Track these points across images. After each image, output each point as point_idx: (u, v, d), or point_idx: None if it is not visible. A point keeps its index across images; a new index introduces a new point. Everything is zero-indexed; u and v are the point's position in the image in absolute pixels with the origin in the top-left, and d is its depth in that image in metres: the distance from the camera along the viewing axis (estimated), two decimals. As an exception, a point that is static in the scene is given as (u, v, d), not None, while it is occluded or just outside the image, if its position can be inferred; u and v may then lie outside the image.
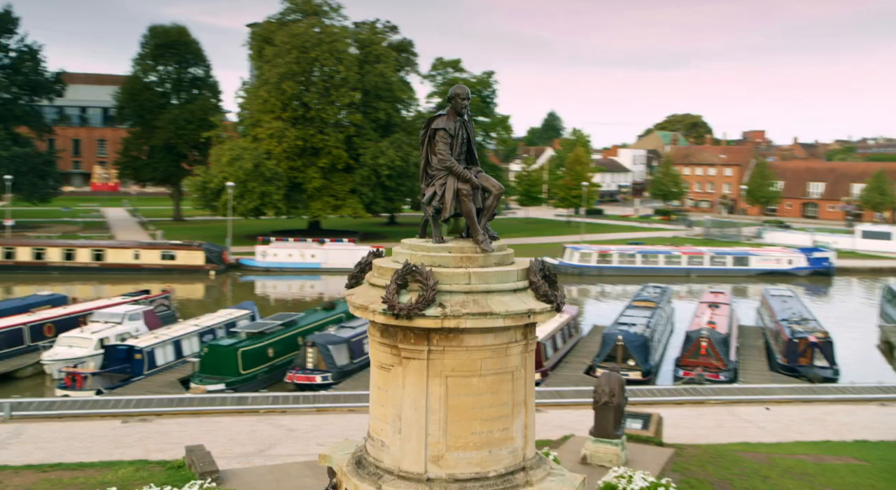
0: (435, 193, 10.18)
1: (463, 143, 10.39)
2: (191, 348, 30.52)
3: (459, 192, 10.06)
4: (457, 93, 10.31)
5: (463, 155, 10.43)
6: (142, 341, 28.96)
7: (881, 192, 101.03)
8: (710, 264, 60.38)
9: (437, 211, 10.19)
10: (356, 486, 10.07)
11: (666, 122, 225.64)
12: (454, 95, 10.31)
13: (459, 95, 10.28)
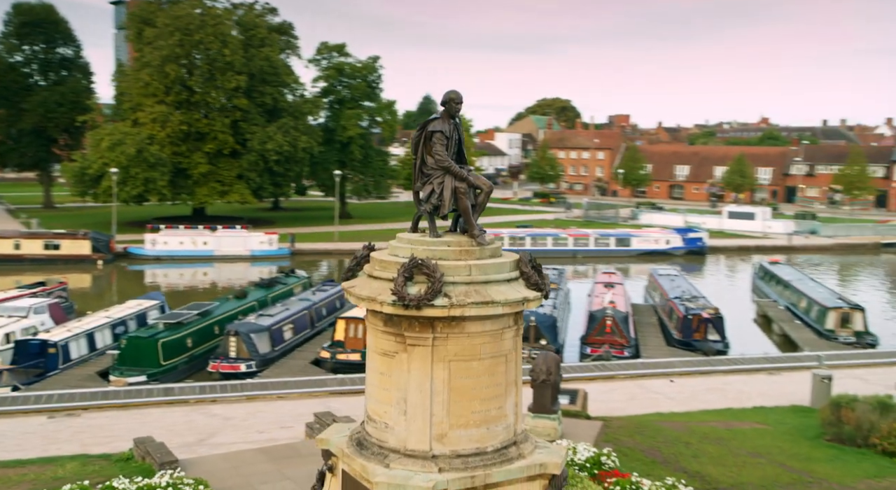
0: (433, 191, 10.93)
1: (455, 144, 11.18)
2: (103, 341, 29.98)
3: (457, 190, 10.85)
4: (451, 97, 11.07)
5: (454, 155, 11.22)
6: (55, 335, 28.27)
7: (742, 175, 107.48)
8: (595, 245, 63.19)
9: (435, 208, 10.94)
10: (363, 466, 10.74)
11: (537, 106, 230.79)
12: (448, 100, 11.07)
13: (454, 100, 11.05)
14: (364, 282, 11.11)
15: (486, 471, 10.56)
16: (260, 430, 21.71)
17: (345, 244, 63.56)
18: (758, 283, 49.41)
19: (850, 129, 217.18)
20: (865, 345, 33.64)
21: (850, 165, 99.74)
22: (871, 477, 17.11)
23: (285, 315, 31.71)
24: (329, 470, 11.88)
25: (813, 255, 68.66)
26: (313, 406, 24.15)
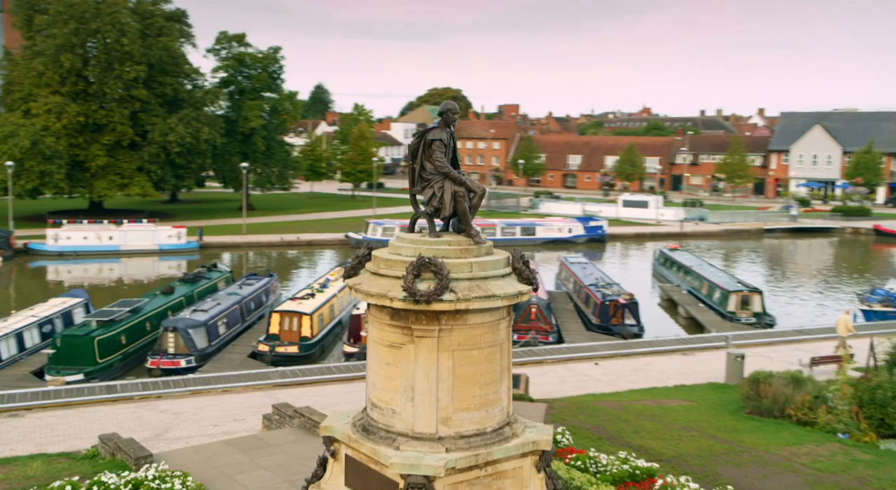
0: (434, 195, 11.87)
1: (451, 150, 12.13)
2: (32, 340, 29.45)
3: (456, 193, 11.82)
4: (448, 108, 12.02)
5: (450, 161, 12.17)
6: (-18, 336, 27.68)
7: (632, 164, 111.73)
8: (501, 235, 64.98)
9: (435, 210, 11.89)
10: (373, 450, 11.60)
11: (428, 96, 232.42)
12: (446, 110, 12.01)
13: (451, 111, 12.01)
14: (369, 279, 11.93)
15: (487, 449, 11.60)
16: (213, 423, 22.10)
17: (253, 237, 63.28)
18: (658, 268, 52.16)
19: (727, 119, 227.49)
20: (765, 325, 36.36)
21: (731, 155, 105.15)
22: (790, 444, 18.99)
23: (219, 310, 31.89)
24: (332, 455, 12.67)
25: (702, 240, 72.54)
26: (259, 398, 24.71)
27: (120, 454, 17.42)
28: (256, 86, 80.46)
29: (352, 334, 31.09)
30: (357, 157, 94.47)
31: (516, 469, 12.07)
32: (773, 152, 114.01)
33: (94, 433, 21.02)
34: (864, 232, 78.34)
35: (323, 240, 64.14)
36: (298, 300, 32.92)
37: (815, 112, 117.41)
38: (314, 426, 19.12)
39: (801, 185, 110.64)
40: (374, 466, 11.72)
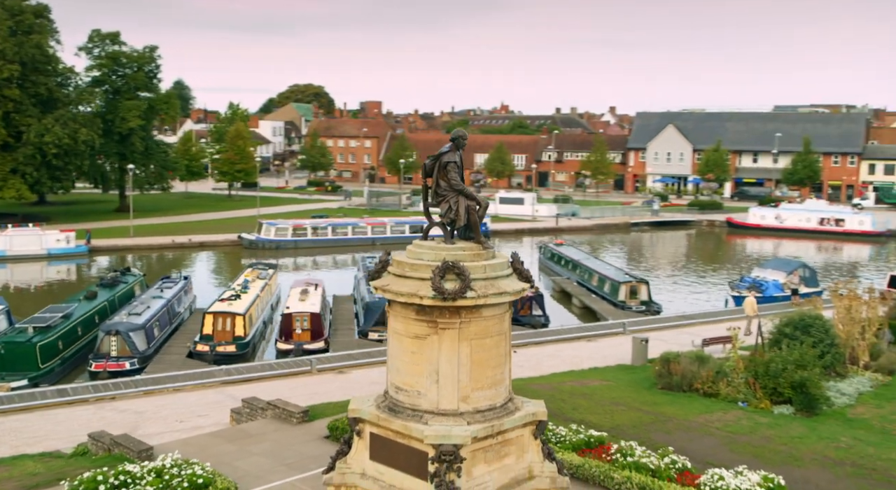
0: (450, 208, 14.00)
1: (461, 170, 14.30)
2: (-42, 348, 29.37)
3: (469, 207, 14.00)
4: (460, 135, 14.19)
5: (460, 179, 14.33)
6: (-84, 346, 27.44)
7: (502, 162, 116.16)
8: (391, 233, 67.14)
9: (452, 221, 14.02)
10: (404, 426, 13.61)
11: (289, 92, 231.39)
12: (458, 136, 14.18)
13: (462, 137, 14.18)
14: (396, 280, 13.91)
15: (499, 421, 13.86)
16: (179, 420, 23.31)
17: (142, 239, 62.76)
18: (546, 262, 55.72)
19: (581, 116, 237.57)
20: (653, 312, 40.23)
21: (594, 153, 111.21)
22: (703, 413, 22.18)
23: (152, 313, 32.61)
24: (357, 434, 14.60)
25: (576, 235, 77.12)
26: (212, 395, 26.02)
27: (118, 449, 18.59)
28: (132, 85, 79.13)
29: (283, 333, 32.56)
30: (235, 156, 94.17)
31: (519, 437, 14.40)
32: (632, 150, 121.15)
33: (65, 434, 21.96)
34: (718, 224, 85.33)
35: (215, 241, 64.36)
36: (227, 301, 34.04)
37: (668, 112, 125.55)
38: (290, 416, 20.84)
39: (657, 181, 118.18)
40: (403, 440, 13.74)
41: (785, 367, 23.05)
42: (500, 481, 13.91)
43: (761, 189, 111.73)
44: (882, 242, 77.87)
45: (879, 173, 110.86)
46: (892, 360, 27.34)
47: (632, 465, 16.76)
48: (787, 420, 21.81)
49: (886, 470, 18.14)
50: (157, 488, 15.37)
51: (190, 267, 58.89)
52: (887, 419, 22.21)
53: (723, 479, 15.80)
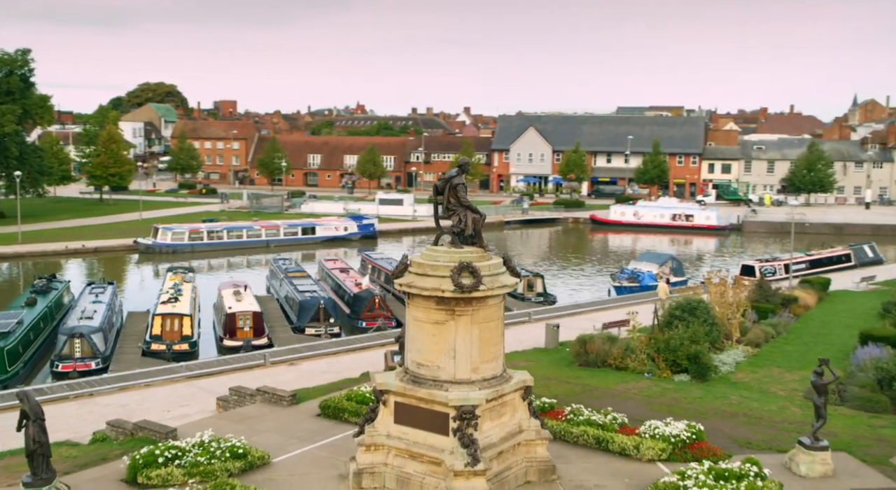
0: (460, 220, 17.64)
1: (466, 189, 17.98)
2: None
3: (475, 219, 17.72)
4: (467, 162, 17.89)
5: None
6: None
7: (374, 163, 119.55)
8: (284, 235, 69.43)
9: (461, 231, 17.67)
10: (429, 394, 17.15)
11: (140, 91, 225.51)
12: (465, 163, 17.85)
13: (468, 163, 17.88)
14: (418, 278, 17.41)
15: (501, 387, 17.67)
16: (165, 410, 25.74)
17: (32, 246, 62.37)
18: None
19: (437, 116, 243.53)
20: (550, 302, 45.00)
21: (462, 154, 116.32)
22: (619, 383, 26.71)
23: (102, 316, 34.26)
24: (383, 403, 18.02)
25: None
26: (183, 389, 28.50)
27: (142, 433, 21.15)
28: (5, 89, 77.44)
29: (227, 331, 35.04)
30: (108, 160, 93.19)
31: (512, 399, 18.27)
32: (495, 151, 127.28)
33: (65, 427, 24.09)
34: (582, 221, 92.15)
35: (110, 246, 64.68)
36: (169, 304, 36.09)
37: (528, 115, 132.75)
38: (280, 400, 23.87)
39: (520, 181, 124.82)
40: (426, 405, 17.32)
41: (681, 342, 27.97)
42: (499, 435, 17.77)
43: (615, 187, 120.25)
44: (726, 235, 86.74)
45: (718, 172, 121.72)
46: (758, 336, 32.98)
47: (584, 422, 20.96)
48: (686, 385, 26.68)
49: (769, 418, 23.19)
50: (206, 457, 18.28)
51: (95, 273, 59.27)
52: (762, 381, 27.49)
53: (657, 427, 20.22)
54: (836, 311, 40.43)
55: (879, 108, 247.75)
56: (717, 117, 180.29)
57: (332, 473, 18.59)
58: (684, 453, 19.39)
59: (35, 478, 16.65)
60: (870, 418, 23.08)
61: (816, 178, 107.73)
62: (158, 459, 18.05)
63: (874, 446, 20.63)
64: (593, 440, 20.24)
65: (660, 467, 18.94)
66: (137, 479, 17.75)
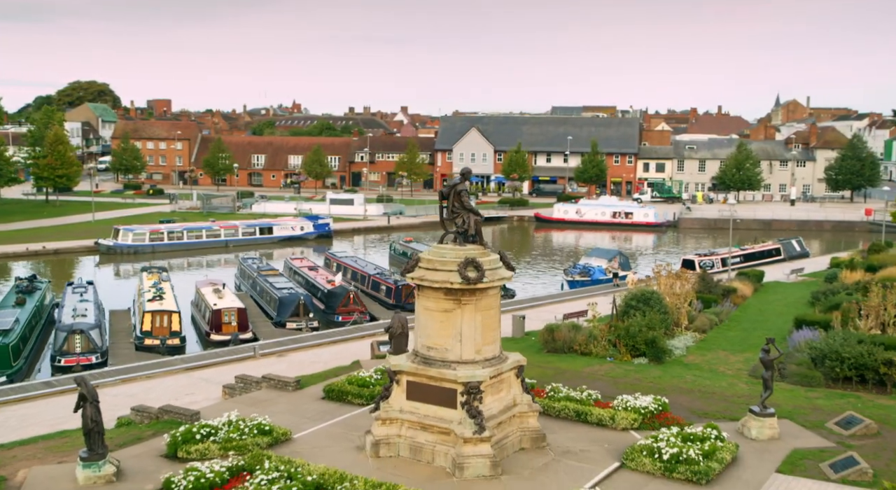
0: (463, 221, 20.25)
1: (468, 194, 20.62)
2: None
3: (476, 220, 20.36)
4: (468, 171, 20.52)
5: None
6: None
7: (320, 164, 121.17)
8: (243, 235, 71.04)
9: (465, 231, 20.28)
10: (439, 373, 19.72)
11: (71, 90, 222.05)
12: (467, 172, 20.46)
13: (469, 172, 20.52)
14: (428, 273, 19.95)
15: (500, 366, 20.36)
16: (174, 398, 27.73)
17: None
18: (397, 258, 62.27)
19: (374, 115, 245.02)
20: (510, 296, 47.89)
21: (408, 153, 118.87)
22: (586, 366, 29.62)
23: (94, 314, 35.89)
24: (396, 383, 20.54)
25: (405, 232, 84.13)
26: (184, 379, 30.51)
27: (167, 416, 23.23)
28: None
29: (213, 326, 37.02)
30: (55, 161, 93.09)
31: (509, 377, 20.98)
32: (439, 151, 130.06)
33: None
34: (527, 219, 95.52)
35: (70, 247, 65.48)
36: (156, 302, 37.86)
37: (470, 116, 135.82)
38: (286, 386, 26.15)
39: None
40: (435, 383, 19.90)
41: (640, 329, 31.09)
42: (498, 407, 20.49)
43: (555, 186, 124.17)
44: (663, 232, 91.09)
45: (652, 171, 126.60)
46: (704, 323, 36.35)
47: (563, 398, 23.80)
48: (645, 367, 29.77)
49: (721, 393, 26.38)
50: (237, 434, 20.57)
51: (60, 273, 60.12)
52: (711, 363, 30.75)
53: (628, 401, 23.16)
54: (771, 301, 44.21)
55: (801, 109, 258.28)
56: (650, 118, 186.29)
57: (349, 446, 21.00)
58: (653, 422, 22.33)
59: (91, 453, 18.72)
60: (806, 391, 26.42)
61: (745, 176, 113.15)
62: (196, 436, 20.30)
63: (811, 414, 23.91)
64: (573, 413, 23.06)
65: (633, 434, 21.85)
66: (178, 454, 19.92)
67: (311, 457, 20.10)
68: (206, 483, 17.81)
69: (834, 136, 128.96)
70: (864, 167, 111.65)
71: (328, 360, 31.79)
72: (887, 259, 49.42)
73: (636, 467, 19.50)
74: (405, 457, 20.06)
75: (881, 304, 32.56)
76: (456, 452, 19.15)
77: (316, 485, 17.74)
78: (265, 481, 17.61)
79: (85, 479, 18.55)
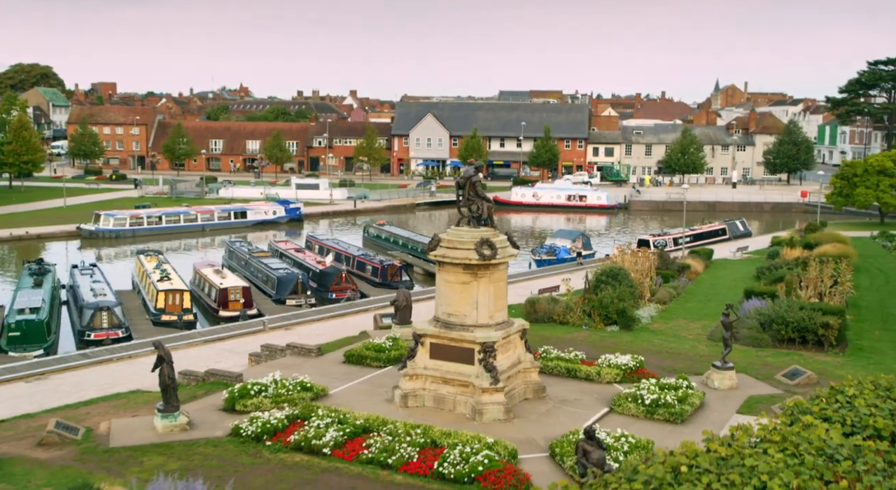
0: (477, 207, 23.97)
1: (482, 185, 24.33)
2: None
3: (489, 207, 24.11)
4: (481, 165, 24.32)
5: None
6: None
7: (280, 149, 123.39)
8: (218, 219, 73.67)
9: (479, 216, 23.99)
10: (460, 335, 23.47)
11: (13, 73, 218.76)
12: (480, 166, 24.22)
13: (482, 167, 24.40)
14: (448, 251, 23.60)
15: (508, 329, 24.19)
16: (205, 365, 31.00)
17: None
18: (372, 240, 65.72)
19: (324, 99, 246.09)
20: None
21: (366, 139, 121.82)
22: (566, 334, 33.62)
23: (111, 292, 38.76)
24: (420, 344, 24.22)
25: (372, 215, 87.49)
26: (205, 350, 33.69)
27: (213, 378, 26.63)
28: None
29: (221, 303, 40.21)
30: (20, 148, 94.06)
31: (514, 339, 24.84)
32: (395, 136, 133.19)
33: (127, 381, 29.06)
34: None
35: (52, 232, 67.49)
36: (166, 281, 40.86)
37: (426, 102, 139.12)
38: (309, 352, 29.65)
39: (420, 165, 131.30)
40: (455, 343, 23.63)
41: (612, 300, 35.22)
42: (507, 364, 24.35)
43: (509, 170, 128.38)
44: (615, 213, 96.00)
45: (602, 155, 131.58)
46: (664, 296, 40.68)
47: (555, 357, 27.76)
48: (618, 333, 33.90)
49: (685, 353, 30.62)
50: (284, 390, 24.08)
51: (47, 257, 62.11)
52: (674, 329, 35.00)
53: (611, 359, 27.23)
54: (720, 276, 48.89)
55: (739, 93, 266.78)
56: (597, 103, 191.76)
57: (379, 399, 24.64)
58: (632, 377, 26.40)
59: (168, 405, 22.10)
60: (757, 351, 30.82)
61: (689, 160, 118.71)
62: (250, 392, 23.78)
63: (762, 369, 28.27)
64: (565, 370, 27.03)
65: (616, 387, 25.90)
66: (235, 407, 23.37)
67: (349, 406, 23.71)
68: (270, 428, 21.37)
69: (772, 121, 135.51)
70: (799, 151, 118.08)
71: (334, 332, 35.23)
72: (822, 238, 54.43)
73: (623, 411, 23.52)
74: (430, 406, 23.79)
75: (818, 277, 37.26)
76: (475, 401, 22.95)
77: (363, 427, 21.40)
78: (321, 425, 21.21)
79: (163, 428, 21.89)
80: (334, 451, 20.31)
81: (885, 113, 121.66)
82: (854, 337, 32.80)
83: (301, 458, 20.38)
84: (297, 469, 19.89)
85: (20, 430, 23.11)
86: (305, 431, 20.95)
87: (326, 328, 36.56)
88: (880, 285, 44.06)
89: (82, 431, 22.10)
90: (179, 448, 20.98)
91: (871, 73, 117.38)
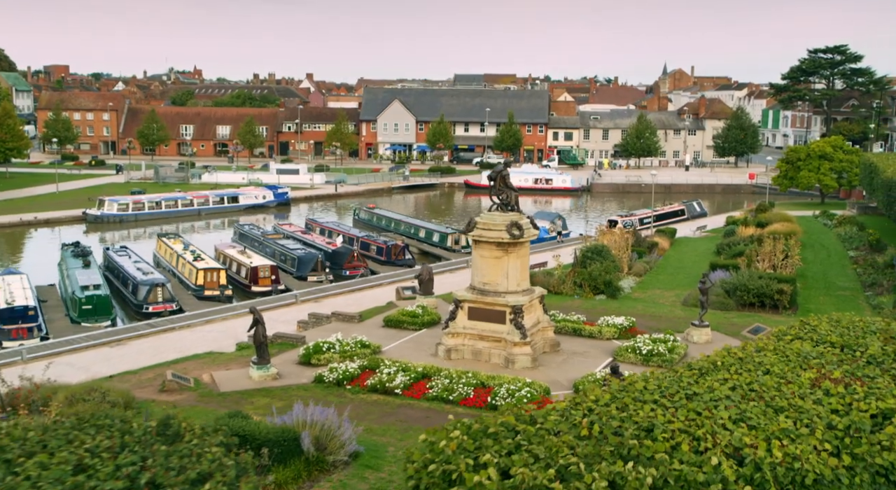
0: (507, 196, 29.43)
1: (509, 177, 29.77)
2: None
3: (516, 196, 29.59)
4: (510, 161, 29.76)
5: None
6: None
7: (253, 134, 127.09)
8: (213, 204, 77.97)
9: (507, 203, 29.44)
10: (494, 299, 28.90)
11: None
12: (509, 162, 29.64)
13: (511, 162, 29.71)
14: (483, 232, 28.93)
15: (531, 295, 29.69)
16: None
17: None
18: (363, 222, 70.76)
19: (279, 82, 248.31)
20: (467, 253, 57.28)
21: (337, 124, 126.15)
22: (561, 302, 39.28)
23: (156, 270, 43.42)
24: (460, 308, 29.62)
25: (352, 199, 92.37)
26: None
27: (279, 340, 31.73)
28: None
29: (252, 280, 45.09)
30: (5, 135, 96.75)
31: (535, 303, 30.36)
32: (363, 122, 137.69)
33: (199, 344, 33.86)
34: (457, 185, 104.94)
35: (59, 217, 71.20)
36: (202, 261, 45.59)
37: (392, 88, 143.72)
38: (352, 319, 34.87)
39: (388, 149, 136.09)
40: (489, 306, 29.04)
41: (599, 273, 41.03)
42: (530, 323, 29.84)
43: (473, 154, 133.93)
44: (579, 196, 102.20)
45: (561, 139, 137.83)
46: (640, 269, 46.66)
47: (562, 320, 33.43)
48: (606, 301, 39.69)
49: (665, 316, 36.51)
50: (350, 347, 29.37)
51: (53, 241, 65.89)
52: (652, 297, 40.93)
53: (608, 320, 33.01)
54: (685, 252, 55.13)
55: (686, 77, 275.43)
56: (553, 87, 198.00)
57: (425, 354, 29.98)
58: (627, 334, 32.13)
59: (261, 359, 27.23)
60: (724, 313, 36.82)
61: (645, 144, 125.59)
62: (322, 348, 29.02)
63: (729, 327, 34.25)
64: (571, 330, 32.68)
65: (615, 342, 31.61)
66: (311, 361, 28.56)
67: (401, 358, 29.04)
68: (348, 375, 26.62)
69: (720, 107, 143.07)
70: (746, 136, 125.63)
71: (361, 303, 40.42)
72: (772, 217, 61.04)
73: (624, 360, 29.19)
74: (468, 358, 29.25)
75: (772, 252, 43.56)
76: (507, 353, 28.50)
77: (423, 374, 26.79)
78: (389, 372, 26.56)
79: (259, 377, 27.01)
80: (404, 392, 25.61)
81: (823, 98, 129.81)
82: (803, 301, 39.08)
83: (378, 397, 25.62)
84: (378, 405, 25.16)
85: (134, 382, 27.99)
86: (379, 377, 26.20)
87: (353, 300, 41.69)
88: (823, 258, 50.74)
89: (192, 381, 27.10)
90: (278, 391, 26.08)
91: (811, 61, 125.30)
